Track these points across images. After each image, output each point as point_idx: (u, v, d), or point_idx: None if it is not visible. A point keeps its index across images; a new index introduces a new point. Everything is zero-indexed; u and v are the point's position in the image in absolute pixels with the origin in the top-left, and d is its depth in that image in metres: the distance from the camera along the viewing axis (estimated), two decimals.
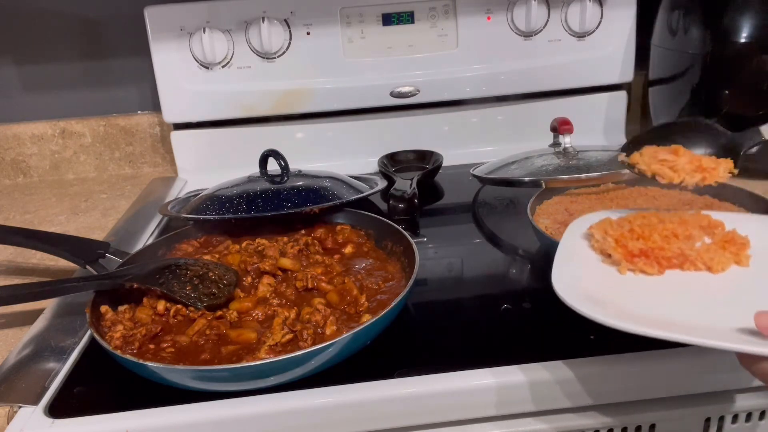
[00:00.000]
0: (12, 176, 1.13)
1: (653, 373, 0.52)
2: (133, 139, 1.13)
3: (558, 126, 0.86)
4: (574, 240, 0.58)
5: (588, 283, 0.51)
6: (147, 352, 0.52)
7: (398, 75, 1.01)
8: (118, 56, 1.09)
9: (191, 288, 0.58)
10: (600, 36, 1.02)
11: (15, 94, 1.10)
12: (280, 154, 0.80)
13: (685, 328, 0.43)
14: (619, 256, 0.54)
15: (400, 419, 0.51)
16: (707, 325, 0.44)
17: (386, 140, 1.05)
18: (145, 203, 0.94)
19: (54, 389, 0.52)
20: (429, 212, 0.88)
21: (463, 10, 1.00)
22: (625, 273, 0.53)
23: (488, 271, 0.72)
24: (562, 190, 0.78)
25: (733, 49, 0.84)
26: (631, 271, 0.54)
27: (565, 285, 0.49)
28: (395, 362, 0.53)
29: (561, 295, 0.47)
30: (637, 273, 0.54)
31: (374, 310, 0.55)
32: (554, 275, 0.50)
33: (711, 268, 0.53)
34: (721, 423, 0.55)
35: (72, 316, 0.62)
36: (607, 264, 0.55)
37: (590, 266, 0.55)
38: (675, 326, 0.43)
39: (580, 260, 0.55)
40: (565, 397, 0.51)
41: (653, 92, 1.01)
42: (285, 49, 0.99)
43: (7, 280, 0.73)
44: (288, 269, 0.63)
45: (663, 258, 0.54)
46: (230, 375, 0.47)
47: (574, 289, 0.48)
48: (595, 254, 0.56)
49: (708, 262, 0.53)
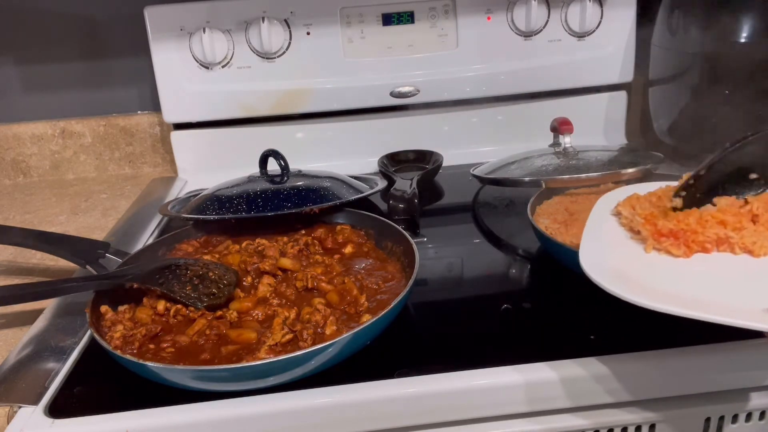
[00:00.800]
0: (12, 176, 1.13)
1: (653, 373, 0.52)
2: (133, 139, 1.13)
3: (558, 126, 0.86)
4: (601, 217, 0.58)
5: (615, 260, 0.51)
6: (147, 352, 0.52)
7: (398, 75, 1.01)
8: (118, 56, 1.09)
9: (191, 288, 0.58)
10: (600, 36, 1.02)
11: (15, 94, 1.09)
12: (280, 154, 0.80)
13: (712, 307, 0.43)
14: (647, 233, 0.54)
15: (400, 419, 0.51)
16: (735, 304, 0.44)
17: (386, 140, 1.05)
18: (145, 203, 0.94)
19: (54, 389, 0.52)
20: (429, 212, 0.88)
21: (463, 10, 1.00)
22: (650, 251, 0.53)
23: (488, 271, 0.72)
24: (562, 190, 0.78)
25: (733, 49, 0.84)
26: (656, 250, 0.53)
27: (592, 262, 0.49)
28: (395, 362, 0.53)
29: (587, 271, 0.47)
30: (662, 253, 0.53)
31: (374, 310, 0.55)
32: (581, 251, 0.51)
33: (752, 252, 0.52)
34: (721, 423, 0.55)
35: (72, 316, 0.62)
36: (635, 241, 0.55)
37: (618, 243, 0.54)
38: (702, 305, 0.43)
39: (608, 237, 0.55)
40: (564, 397, 0.51)
41: (653, 92, 1.01)
42: (285, 49, 0.99)
43: (7, 280, 0.73)
44: (288, 269, 0.63)
45: (694, 242, 0.53)
46: (230, 375, 0.47)
47: (600, 265, 0.48)
48: (624, 231, 0.56)
49: (750, 246, 0.52)
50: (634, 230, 0.55)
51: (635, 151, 0.88)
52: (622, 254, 0.53)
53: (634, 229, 0.55)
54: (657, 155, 0.81)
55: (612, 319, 0.57)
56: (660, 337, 0.53)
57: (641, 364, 0.51)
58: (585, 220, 0.68)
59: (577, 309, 0.61)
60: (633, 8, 1.01)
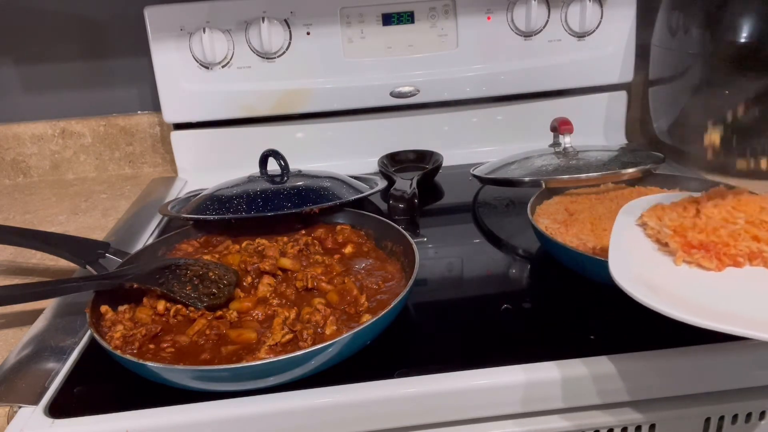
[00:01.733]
0: (12, 176, 1.13)
1: (653, 373, 0.52)
2: (133, 139, 1.13)
3: (558, 126, 0.86)
4: (626, 227, 0.57)
5: (644, 271, 0.50)
6: (147, 352, 0.52)
7: (398, 75, 1.01)
8: (118, 56, 1.09)
9: (191, 288, 0.58)
10: (600, 36, 1.02)
11: (15, 94, 1.10)
12: (280, 154, 0.80)
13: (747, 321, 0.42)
14: (676, 245, 0.53)
15: (400, 419, 0.51)
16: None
17: (386, 140, 1.05)
18: (145, 203, 0.94)
19: (54, 389, 0.52)
20: (429, 212, 0.88)
21: (463, 10, 1.00)
22: (680, 264, 0.52)
23: (488, 271, 0.72)
24: (562, 190, 0.78)
25: (733, 49, 0.84)
26: (686, 263, 0.52)
27: (622, 272, 0.49)
28: (395, 362, 0.53)
29: (619, 281, 0.47)
30: (692, 266, 0.52)
31: (374, 310, 0.55)
32: (611, 262, 0.50)
33: None
34: (721, 423, 0.55)
35: (72, 316, 0.62)
36: (662, 253, 0.54)
37: (645, 254, 0.54)
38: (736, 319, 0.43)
39: (635, 248, 0.55)
40: (564, 398, 0.51)
41: (653, 92, 1.01)
42: (285, 49, 0.99)
43: (7, 280, 0.73)
44: (288, 269, 0.63)
45: (726, 255, 0.52)
46: (230, 375, 0.47)
47: (630, 276, 0.48)
48: (650, 242, 0.55)
49: None
50: (662, 242, 0.55)
51: (635, 151, 0.88)
52: (651, 265, 0.52)
53: (661, 241, 0.55)
54: (657, 155, 0.82)
55: (612, 319, 0.57)
56: (660, 337, 0.53)
57: (641, 364, 0.51)
58: (585, 220, 0.69)
59: (576, 309, 0.61)
60: (633, 8, 1.01)
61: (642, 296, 0.45)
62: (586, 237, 0.65)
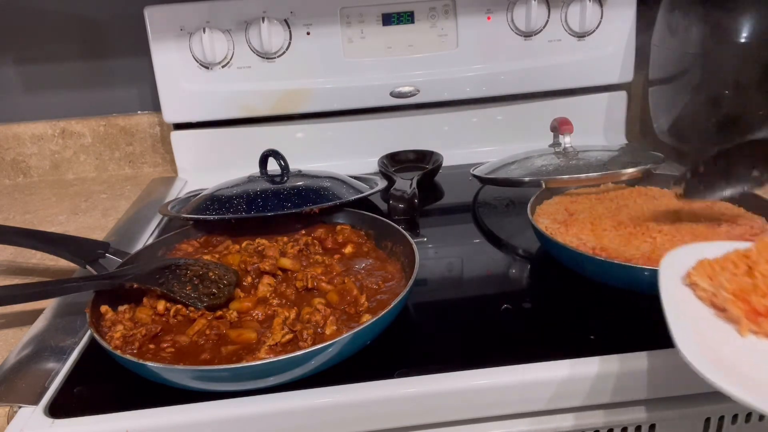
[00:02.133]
0: (12, 176, 1.13)
1: (653, 373, 0.52)
2: (133, 139, 1.13)
3: (558, 126, 0.86)
4: (676, 288, 0.49)
5: (710, 345, 0.43)
6: (147, 352, 0.52)
7: (398, 75, 1.01)
8: (118, 56, 1.09)
9: (191, 288, 0.58)
10: (600, 36, 1.02)
11: (15, 94, 1.10)
12: (280, 154, 0.80)
13: None
14: (739, 312, 0.45)
15: (400, 419, 0.51)
16: None
17: (386, 140, 1.05)
18: (145, 203, 0.94)
19: (54, 389, 0.52)
20: (429, 212, 0.88)
21: (463, 10, 1.00)
22: (747, 335, 0.44)
23: (488, 271, 0.72)
24: (562, 190, 0.78)
25: (733, 49, 0.84)
26: (753, 333, 0.44)
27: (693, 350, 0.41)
28: (395, 362, 0.53)
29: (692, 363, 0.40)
30: (760, 336, 0.44)
31: (374, 310, 0.55)
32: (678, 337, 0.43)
33: None
34: (721, 423, 0.55)
35: (72, 316, 0.62)
36: (722, 319, 0.46)
37: (704, 322, 0.46)
38: None
39: (690, 314, 0.47)
40: (564, 398, 0.51)
41: (653, 92, 1.01)
42: (285, 49, 0.99)
43: (7, 280, 0.73)
44: (288, 269, 0.63)
45: None
46: (230, 375, 0.47)
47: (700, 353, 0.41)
48: (704, 306, 0.47)
49: None
50: (718, 306, 0.47)
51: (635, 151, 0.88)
52: (714, 336, 0.44)
53: (717, 305, 0.47)
54: (657, 155, 0.81)
55: (612, 319, 0.57)
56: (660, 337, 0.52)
57: (641, 364, 0.51)
58: (585, 220, 0.69)
59: (576, 309, 0.61)
60: (633, 8, 1.01)
61: (723, 383, 0.38)
62: (586, 237, 0.65)
